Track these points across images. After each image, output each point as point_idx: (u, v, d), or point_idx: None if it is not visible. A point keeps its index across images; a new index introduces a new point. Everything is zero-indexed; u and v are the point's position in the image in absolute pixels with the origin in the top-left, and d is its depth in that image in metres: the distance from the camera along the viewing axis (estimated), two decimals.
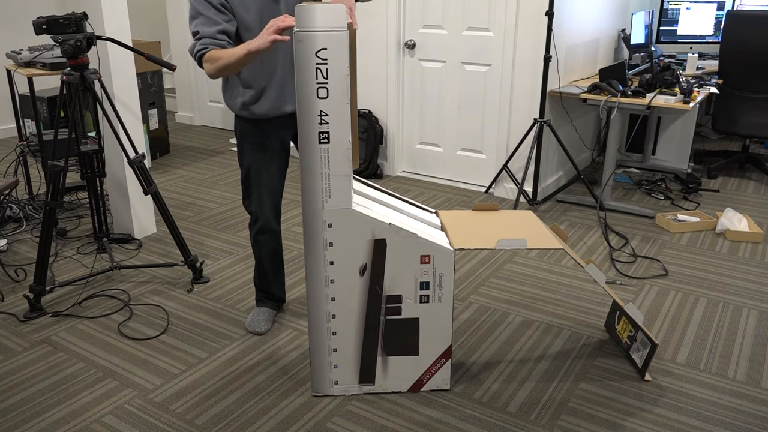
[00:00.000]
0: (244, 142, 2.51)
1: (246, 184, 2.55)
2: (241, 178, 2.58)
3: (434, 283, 2.19)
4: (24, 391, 2.34)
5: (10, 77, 3.82)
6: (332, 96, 1.96)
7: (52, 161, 2.87)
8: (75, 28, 2.87)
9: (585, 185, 4.32)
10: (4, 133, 5.82)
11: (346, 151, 2.02)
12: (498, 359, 2.54)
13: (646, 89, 3.87)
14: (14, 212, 3.84)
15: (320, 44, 1.90)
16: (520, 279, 3.20)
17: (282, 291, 2.80)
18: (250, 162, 2.51)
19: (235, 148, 5.43)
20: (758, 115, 4.56)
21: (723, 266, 3.33)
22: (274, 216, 2.58)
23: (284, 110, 2.45)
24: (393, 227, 2.11)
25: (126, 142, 3.06)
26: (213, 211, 4.05)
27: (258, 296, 2.79)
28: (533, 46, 3.97)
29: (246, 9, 2.29)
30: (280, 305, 2.83)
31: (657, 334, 2.72)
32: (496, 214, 2.48)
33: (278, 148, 2.52)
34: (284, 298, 2.83)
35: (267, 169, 2.51)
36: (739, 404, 2.28)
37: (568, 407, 2.27)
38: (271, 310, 2.78)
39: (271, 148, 2.50)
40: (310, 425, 2.17)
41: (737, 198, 4.32)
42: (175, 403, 2.29)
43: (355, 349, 2.26)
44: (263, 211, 2.55)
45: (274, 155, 2.52)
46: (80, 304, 2.93)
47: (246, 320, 2.76)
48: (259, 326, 2.68)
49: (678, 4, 5.03)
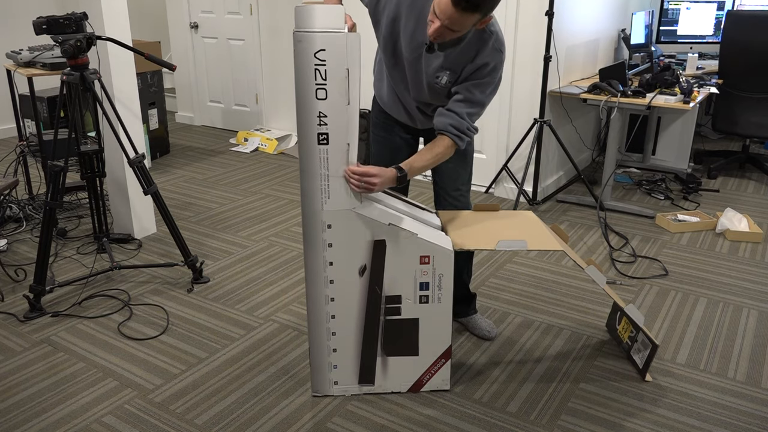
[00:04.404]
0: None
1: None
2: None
3: (434, 283, 2.19)
4: (24, 391, 2.34)
5: (10, 77, 3.82)
6: (331, 97, 1.96)
7: (52, 161, 2.87)
8: (75, 28, 2.87)
9: (585, 185, 4.32)
10: (4, 133, 5.82)
11: (345, 152, 2.02)
12: (498, 359, 2.54)
13: (646, 89, 3.87)
14: (14, 212, 3.84)
15: (319, 45, 1.90)
16: (520, 279, 3.20)
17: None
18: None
19: (235, 148, 5.44)
20: (758, 115, 4.56)
21: (723, 266, 3.33)
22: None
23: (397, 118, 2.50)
24: (393, 228, 2.11)
25: (126, 142, 3.06)
26: (213, 211, 4.05)
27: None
28: (533, 46, 3.97)
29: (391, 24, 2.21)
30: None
31: (657, 334, 2.72)
32: (496, 215, 2.48)
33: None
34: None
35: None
36: (739, 404, 2.28)
37: (568, 407, 2.27)
38: None
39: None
40: (310, 425, 2.17)
41: (737, 198, 4.32)
42: (175, 403, 2.29)
43: (355, 349, 2.26)
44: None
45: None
46: (80, 304, 2.93)
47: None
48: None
49: (678, 4, 5.03)
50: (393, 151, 2.53)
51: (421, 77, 2.22)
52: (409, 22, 2.14)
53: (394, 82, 2.37)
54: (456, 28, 1.92)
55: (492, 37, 2.11)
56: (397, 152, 2.54)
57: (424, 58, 2.17)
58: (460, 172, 2.51)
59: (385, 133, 2.55)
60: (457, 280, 2.61)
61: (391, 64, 2.30)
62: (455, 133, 2.17)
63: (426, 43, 2.10)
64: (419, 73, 2.22)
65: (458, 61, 2.13)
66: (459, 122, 2.16)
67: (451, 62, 2.13)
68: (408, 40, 2.17)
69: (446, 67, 2.14)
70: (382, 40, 2.26)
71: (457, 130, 2.17)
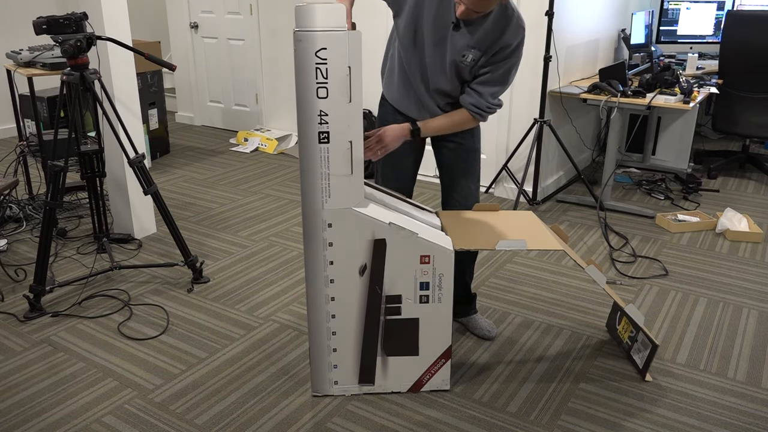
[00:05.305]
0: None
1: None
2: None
3: (434, 283, 2.19)
4: (24, 391, 2.34)
5: (10, 77, 3.82)
6: (332, 96, 1.96)
7: (52, 161, 2.87)
8: (75, 28, 2.87)
9: (585, 185, 4.32)
10: (4, 133, 5.82)
11: (346, 151, 2.02)
12: (498, 359, 2.54)
13: (646, 89, 3.87)
14: (14, 212, 3.84)
15: (320, 44, 1.90)
16: (520, 279, 3.20)
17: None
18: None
19: (235, 148, 5.44)
20: (758, 115, 4.56)
21: (723, 266, 3.33)
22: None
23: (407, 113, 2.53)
24: (393, 227, 2.11)
25: (126, 142, 3.06)
26: (213, 211, 4.05)
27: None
28: (533, 46, 3.97)
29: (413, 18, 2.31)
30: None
31: (657, 334, 2.72)
32: (496, 215, 2.48)
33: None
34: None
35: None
36: (739, 404, 2.28)
37: (568, 407, 2.27)
38: None
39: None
40: (310, 425, 2.17)
41: (737, 198, 4.32)
42: (175, 403, 2.28)
43: (355, 349, 2.26)
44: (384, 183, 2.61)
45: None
46: (80, 304, 2.93)
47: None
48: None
49: (678, 4, 5.03)
50: (398, 155, 2.53)
51: (444, 58, 2.31)
52: (432, 4, 2.26)
53: (410, 71, 2.40)
54: (479, 9, 2.12)
55: (515, 14, 2.25)
56: (402, 156, 2.53)
57: (449, 38, 2.27)
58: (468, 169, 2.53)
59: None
60: (459, 281, 2.61)
61: (410, 51, 2.36)
62: (474, 111, 2.34)
63: (453, 21, 2.24)
64: (443, 54, 2.31)
65: (485, 39, 2.25)
66: (478, 101, 2.32)
67: (477, 41, 2.25)
68: (431, 22, 2.27)
69: (472, 46, 2.26)
70: (404, 27, 2.34)
71: (476, 107, 2.33)
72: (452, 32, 2.25)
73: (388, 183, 2.56)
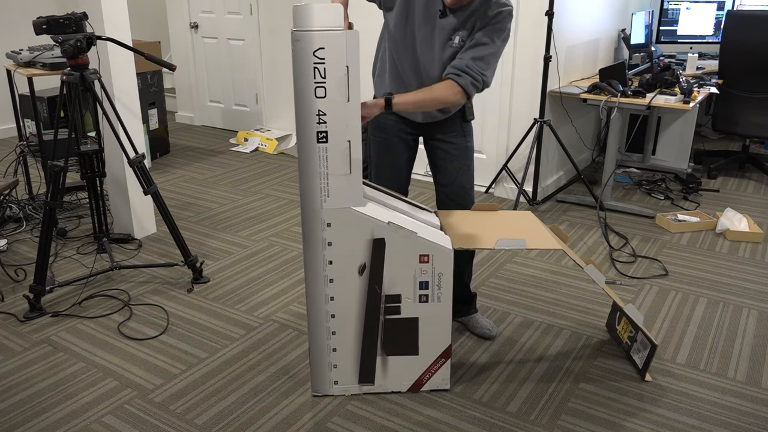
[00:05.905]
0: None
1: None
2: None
3: (433, 282, 2.19)
4: (24, 391, 2.34)
5: (10, 77, 3.82)
6: (330, 95, 1.96)
7: (52, 161, 2.87)
8: (75, 28, 2.87)
9: (585, 185, 4.32)
10: (4, 133, 5.82)
11: (345, 150, 2.02)
12: (498, 359, 2.54)
13: (646, 89, 3.87)
14: (14, 212, 3.84)
15: (318, 44, 1.90)
16: (520, 279, 3.20)
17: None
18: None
19: (235, 148, 5.44)
20: (758, 115, 4.56)
21: (723, 266, 3.33)
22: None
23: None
24: (392, 226, 2.11)
25: (126, 142, 3.06)
26: (213, 211, 4.05)
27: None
28: (533, 46, 3.97)
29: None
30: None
31: (657, 334, 2.72)
32: (495, 215, 2.48)
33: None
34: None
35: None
36: (739, 404, 2.28)
37: (568, 407, 2.27)
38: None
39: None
40: (310, 425, 2.17)
41: (737, 198, 4.31)
42: (175, 403, 2.28)
43: (355, 348, 2.26)
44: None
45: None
46: (80, 304, 2.93)
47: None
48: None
49: (678, 4, 5.03)
50: (393, 153, 2.54)
51: (434, 46, 2.34)
52: None
53: (402, 67, 2.42)
54: None
55: None
56: (397, 153, 2.54)
57: (437, 26, 2.32)
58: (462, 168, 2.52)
59: (384, 134, 2.55)
60: (458, 281, 2.61)
61: (401, 47, 2.39)
62: (453, 72, 2.26)
63: (440, 9, 2.30)
64: (433, 41, 2.34)
65: (470, 20, 2.30)
66: (458, 62, 2.29)
67: (463, 22, 2.30)
68: (422, 12, 2.33)
69: (458, 28, 2.31)
70: (395, 22, 2.38)
71: (455, 68, 2.27)
72: (439, 20, 2.31)
73: (384, 182, 2.57)
